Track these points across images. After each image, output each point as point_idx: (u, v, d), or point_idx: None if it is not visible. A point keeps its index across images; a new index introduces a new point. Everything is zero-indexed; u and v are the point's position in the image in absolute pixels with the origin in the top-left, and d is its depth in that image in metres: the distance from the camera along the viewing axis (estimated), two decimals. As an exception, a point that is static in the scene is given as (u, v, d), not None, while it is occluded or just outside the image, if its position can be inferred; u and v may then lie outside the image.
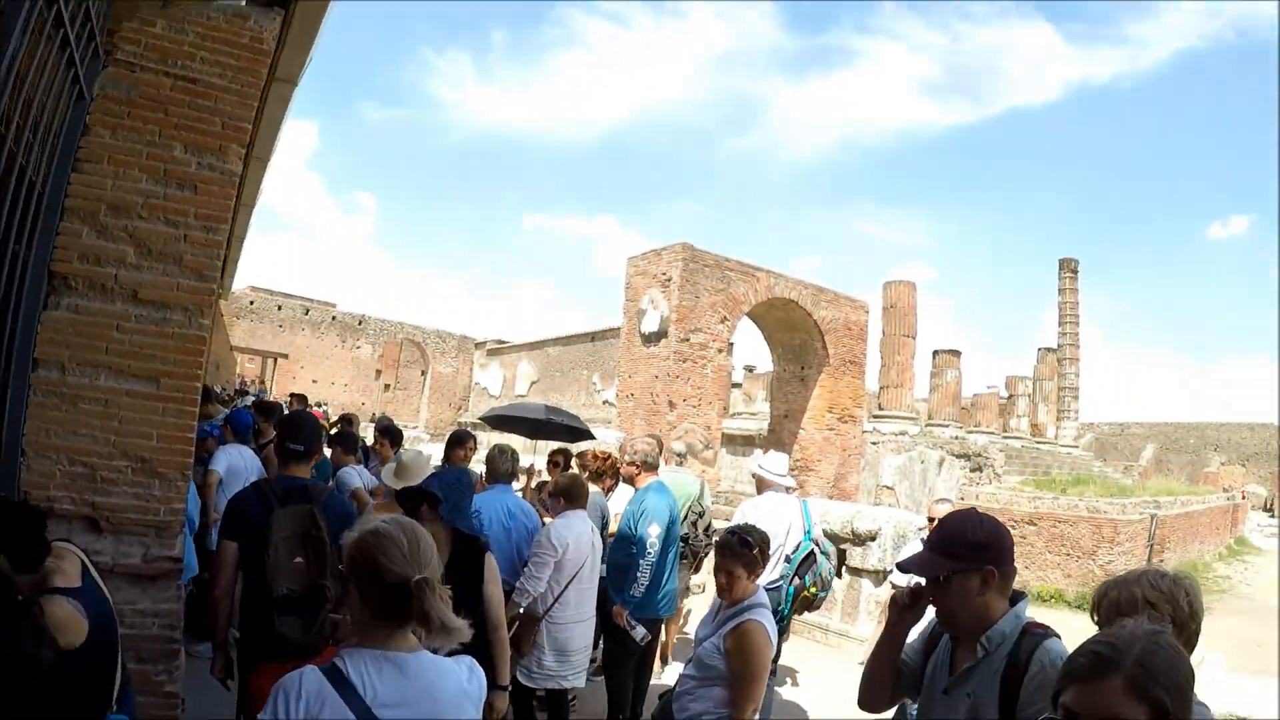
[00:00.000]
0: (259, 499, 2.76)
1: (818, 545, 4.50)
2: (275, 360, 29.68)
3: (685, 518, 4.98)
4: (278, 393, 28.21)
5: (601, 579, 4.09)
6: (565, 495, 3.88)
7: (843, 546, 7.14)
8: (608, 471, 5.26)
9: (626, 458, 4.55)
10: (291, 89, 6.31)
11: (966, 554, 1.73)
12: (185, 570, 3.60)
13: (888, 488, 14.86)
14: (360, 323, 31.53)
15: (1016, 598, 1.78)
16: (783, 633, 4.67)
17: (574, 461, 5.46)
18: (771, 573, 4.46)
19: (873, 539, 6.99)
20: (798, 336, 13.99)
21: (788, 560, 4.51)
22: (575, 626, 3.75)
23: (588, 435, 7.20)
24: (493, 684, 2.48)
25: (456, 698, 1.54)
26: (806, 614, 5.22)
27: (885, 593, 6.72)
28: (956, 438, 16.43)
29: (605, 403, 21.99)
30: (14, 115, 2.28)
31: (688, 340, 11.90)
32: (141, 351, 2.85)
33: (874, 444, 15.33)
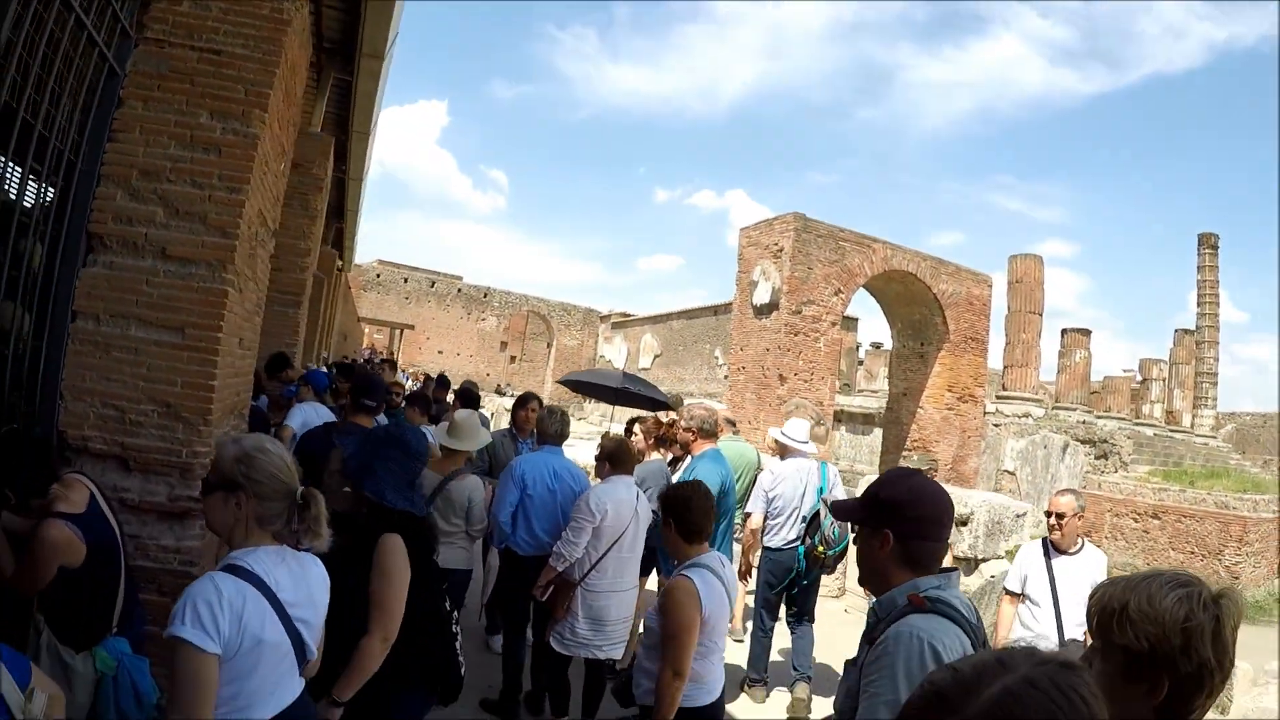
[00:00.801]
0: (324, 436, 3.60)
1: (825, 505, 4.51)
2: (401, 331, 30.91)
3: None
4: (404, 361, 29.68)
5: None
6: (610, 460, 3.85)
7: None
8: (671, 438, 5.23)
9: (683, 424, 4.58)
10: (379, 63, 6.63)
11: (870, 511, 1.59)
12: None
13: (1009, 472, 13.92)
14: (485, 295, 32.22)
15: (945, 573, 1.59)
16: (809, 591, 4.80)
17: (636, 427, 5.42)
18: (789, 532, 4.76)
19: (964, 524, 6.42)
20: (917, 311, 13.31)
21: (804, 520, 4.66)
22: (613, 596, 3.67)
23: (666, 406, 7.17)
24: (324, 692, 2.11)
25: (321, 582, 1.89)
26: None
27: (974, 584, 6.31)
28: (1083, 422, 15.12)
29: (726, 376, 21.87)
30: (43, 99, 2.53)
31: (799, 313, 11.55)
32: (168, 304, 3.06)
33: (995, 426, 14.37)
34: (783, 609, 4.97)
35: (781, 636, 5.05)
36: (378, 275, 30.27)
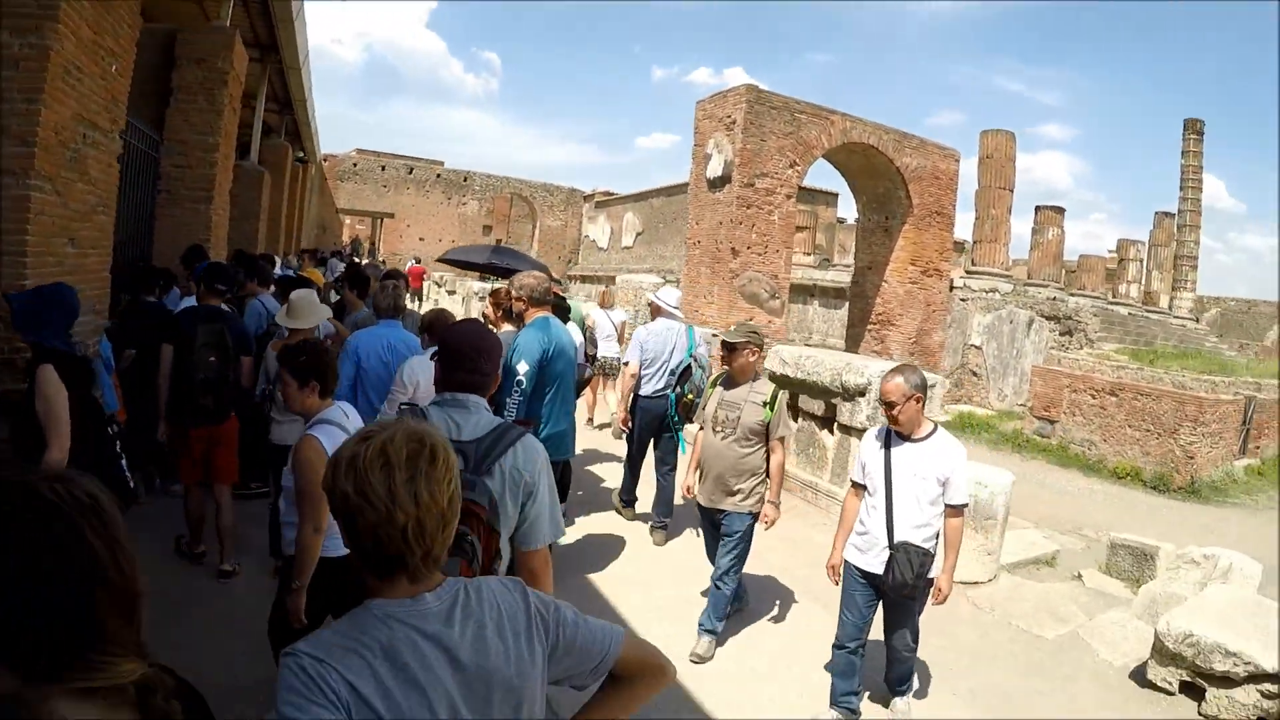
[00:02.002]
0: (190, 318, 4.41)
1: (696, 361, 5.23)
2: (381, 220, 30.74)
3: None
4: (385, 250, 29.84)
5: None
6: (429, 330, 4.06)
7: (832, 401, 6.79)
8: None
9: (514, 293, 4.51)
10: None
11: None
12: (105, 406, 4.38)
13: (975, 347, 14.13)
14: (465, 179, 31.64)
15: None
16: (677, 431, 5.55)
17: (488, 300, 5.65)
18: (658, 383, 5.63)
19: (862, 394, 6.41)
20: (881, 185, 13.19)
21: (673, 373, 5.44)
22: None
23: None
24: None
25: None
26: (792, 469, 6.53)
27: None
28: (1052, 299, 15.16)
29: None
30: None
31: (752, 185, 11.45)
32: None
33: (963, 301, 14.44)
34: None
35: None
36: (354, 165, 29.85)
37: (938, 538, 3.27)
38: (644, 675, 1.37)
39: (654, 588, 4.61)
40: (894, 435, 3.28)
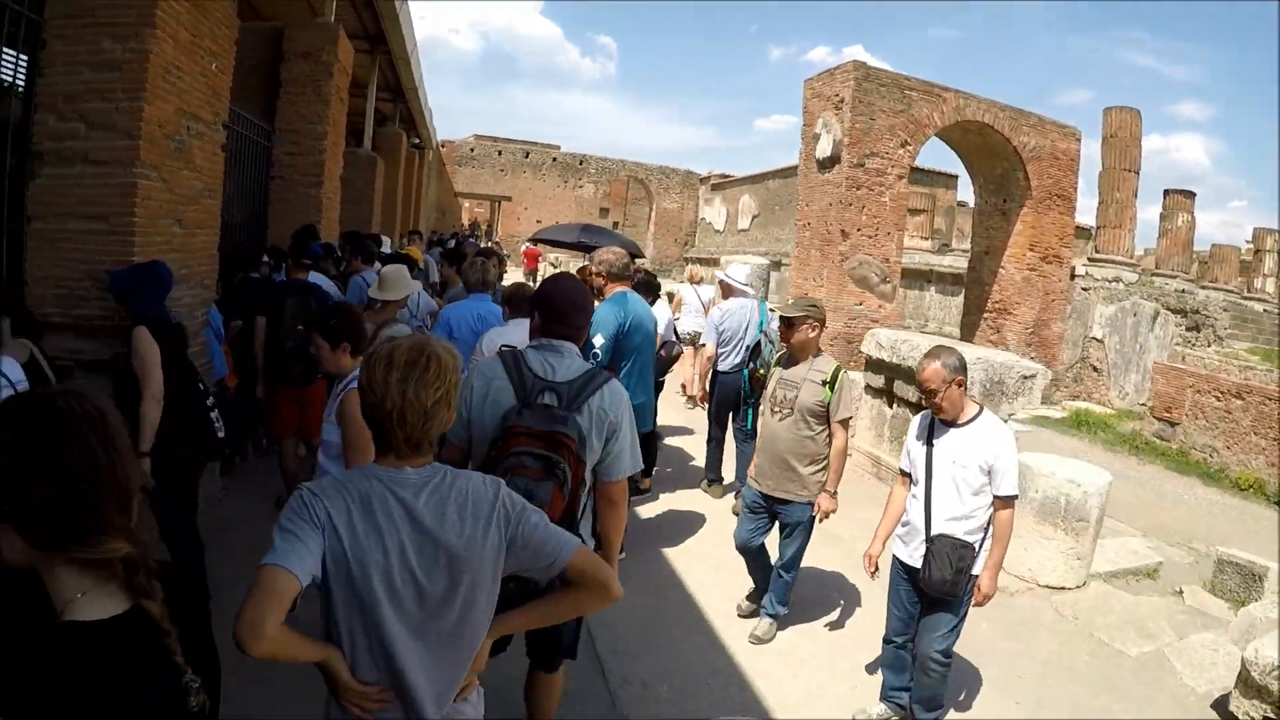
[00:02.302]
0: (280, 291, 5.13)
1: (766, 336, 5.36)
2: (499, 203, 31.77)
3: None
4: (502, 232, 30.86)
5: None
6: (509, 303, 4.21)
7: (893, 376, 6.82)
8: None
9: (594, 268, 4.62)
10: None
11: None
12: (214, 371, 4.92)
13: (1096, 340, 13.15)
14: (581, 163, 32.30)
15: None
16: (750, 407, 5.51)
17: (576, 274, 5.87)
18: (735, 359, 5.73)
19: None
20: (998, 165, 12.49)
21: (748, 349, 5.54)
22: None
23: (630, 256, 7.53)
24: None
25: None
26: (885, 457, 6.81)
27: None
28: (1181, 291, 13.84)
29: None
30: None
31: (862, 165, 11.10)
32: (93, 200, 3.84)
33: (1084, 290, 13.43)
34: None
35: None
36: (472, 150, 30.90)
37: (985, 532, 3.02)
38: (590, 587, 1.57)
39: (724, 566, 4.56)
40: (938, 421, 3.10)
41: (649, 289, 5.96)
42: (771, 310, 6.07)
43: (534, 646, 2.58)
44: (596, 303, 5.20)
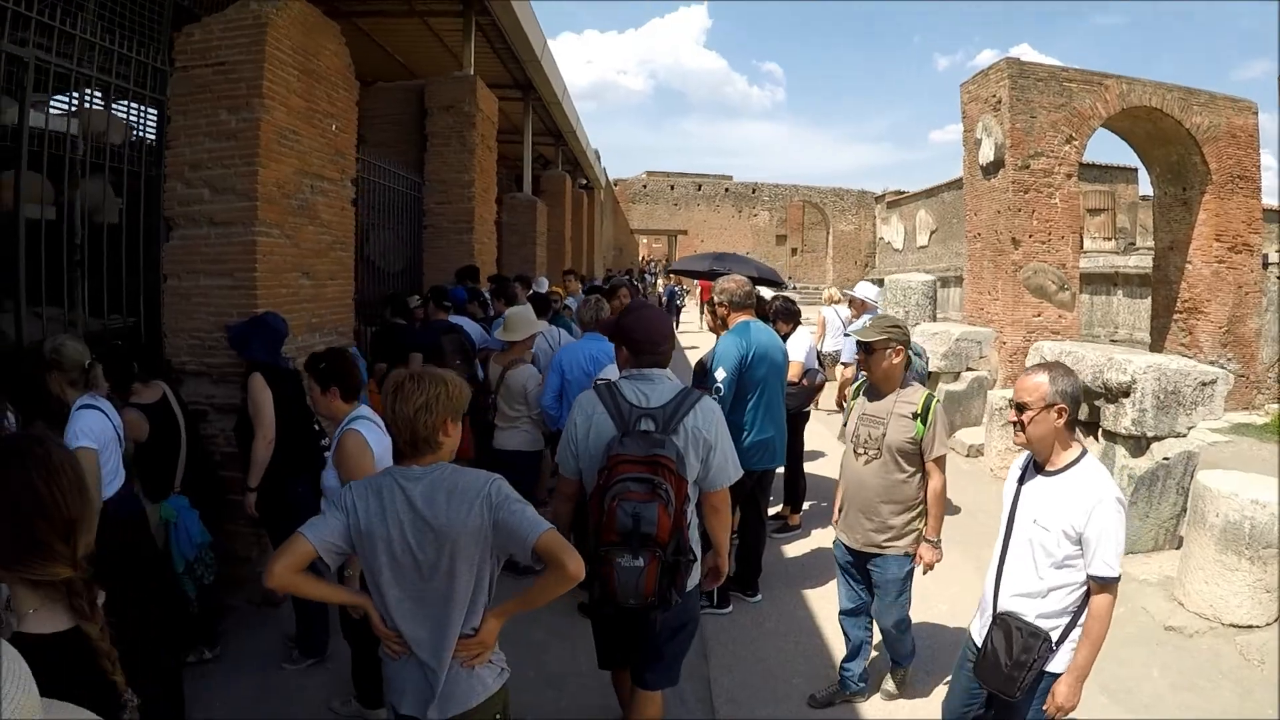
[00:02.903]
0: (434, 331, 5.40)
1: (911, 350, 5.02)
2: (674, 237, 32.24)
3: None
4: None
5: None
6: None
7: (1095, 404, 5.79)
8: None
9: (715, 298, 4.39)
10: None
11: None
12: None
13: (1294, 335, 10.96)
14: (754, 191, 32.32)
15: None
16: None
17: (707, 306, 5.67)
18: None
19: (1126, 395, 5.38)
20: (1173, 151, 11.08)
21: None
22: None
23: (769, 282, 7.16)
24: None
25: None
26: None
27: (1143, 466, 5.36)
28: None
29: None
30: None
31: (1027, 167, 10.27)
32: (220, 258, 4.21)
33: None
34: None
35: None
36: (644, 186, 31.80)
37: (1073, 619, 2.27)
38: (554, 566, 1.81)
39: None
40: (1031, 465, 2.43)
41: (789, 316, 5.74)
42: (846, 335, 5.54)
43: (629, 656, 2.65)
44: (717, 335, 5.00)
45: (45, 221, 3.69)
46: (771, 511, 5.38)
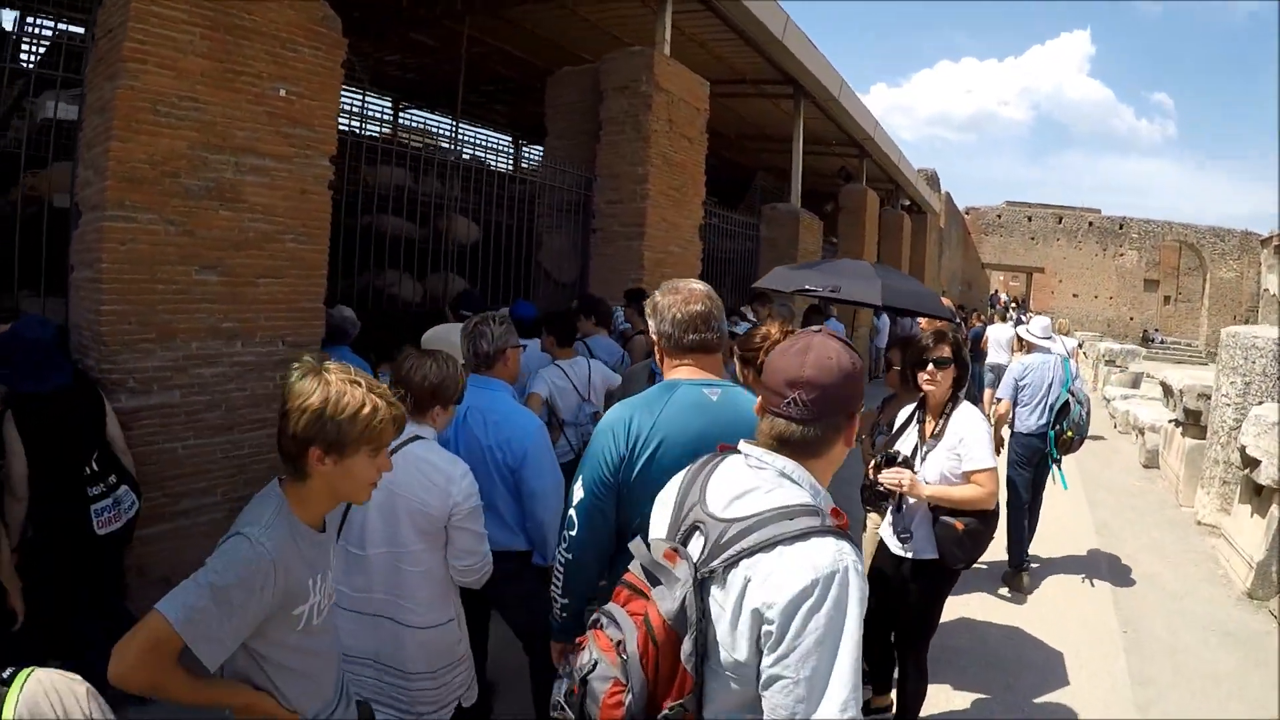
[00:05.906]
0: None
1: (1073, 396, 5.00)
2: (1030, 275, 29.17)
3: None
4: (1036, 307, 27.36)
5: None
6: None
7: None
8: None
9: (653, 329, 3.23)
10: None
11: None
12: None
13: None
14: (1121, 227, 27.92)
15: None
16: (1057, 469, 5.16)
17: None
18: (1039, 419, 5.11)
19: None
20: None
21: (1051, 409, 5.05)
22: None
23: (936, 315, 5.17)
24: None
25: None
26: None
27: None
28: None
29: None
30: None
31: None
32: (89, 246, 3.70)
33: None
34: None
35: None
36: (999, 216, 28.73)
37: None
38: None
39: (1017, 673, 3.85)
40: None
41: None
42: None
43: None
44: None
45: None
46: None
